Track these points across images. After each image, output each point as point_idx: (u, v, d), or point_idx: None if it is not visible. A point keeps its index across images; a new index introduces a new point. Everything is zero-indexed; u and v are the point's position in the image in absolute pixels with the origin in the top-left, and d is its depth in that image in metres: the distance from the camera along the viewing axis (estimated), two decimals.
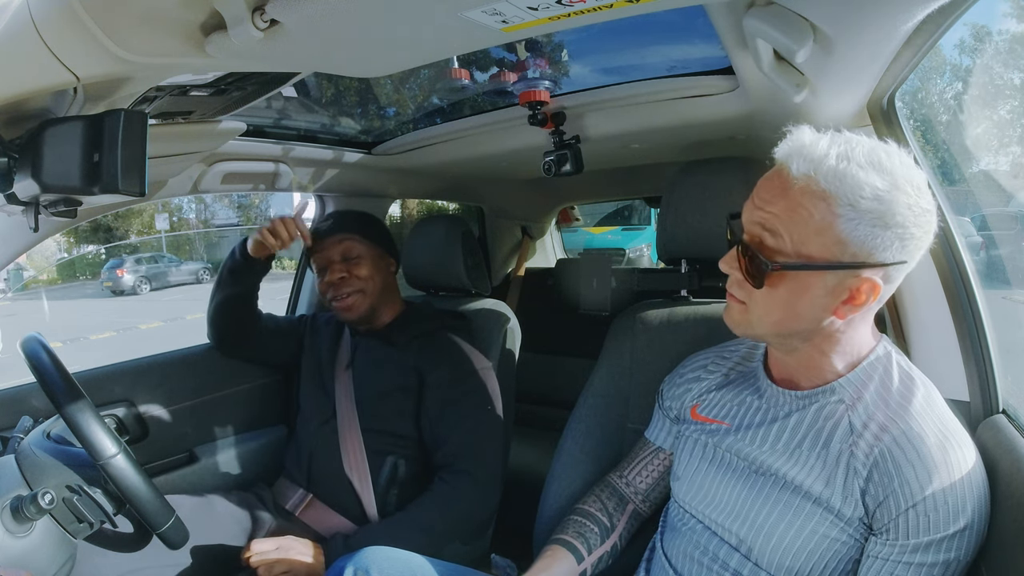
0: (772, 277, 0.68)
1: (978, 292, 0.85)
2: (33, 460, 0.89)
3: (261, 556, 1.05)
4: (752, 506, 0.77)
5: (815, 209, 0.65)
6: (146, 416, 1.35)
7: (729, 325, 0.77)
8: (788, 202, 0.67)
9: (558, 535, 0.96)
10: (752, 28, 0.67)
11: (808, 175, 0.65)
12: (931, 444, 0.67)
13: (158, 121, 0.99)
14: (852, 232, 0.64)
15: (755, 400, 0.84)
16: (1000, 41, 5.28)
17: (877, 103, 0.85)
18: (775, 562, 0.74)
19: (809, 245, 0.66)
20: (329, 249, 1.35)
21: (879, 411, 0.72)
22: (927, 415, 0.70)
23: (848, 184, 0.63)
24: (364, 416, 1.28)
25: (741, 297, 0.74)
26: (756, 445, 0.80)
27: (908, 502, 0.66)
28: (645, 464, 1.01)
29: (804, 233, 0.66)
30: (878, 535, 0.70)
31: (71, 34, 0.54)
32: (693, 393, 0.93)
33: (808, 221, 0.65)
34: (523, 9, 0.58)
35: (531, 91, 1.15)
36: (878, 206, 0.63)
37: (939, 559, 0.66)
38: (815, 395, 0.76)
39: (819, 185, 0.65)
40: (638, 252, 7.83)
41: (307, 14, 0.55)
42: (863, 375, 0.74)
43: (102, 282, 13.87)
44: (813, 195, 0.65)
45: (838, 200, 0.64)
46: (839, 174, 0.64)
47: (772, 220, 0.68)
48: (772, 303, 0.70)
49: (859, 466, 0.71)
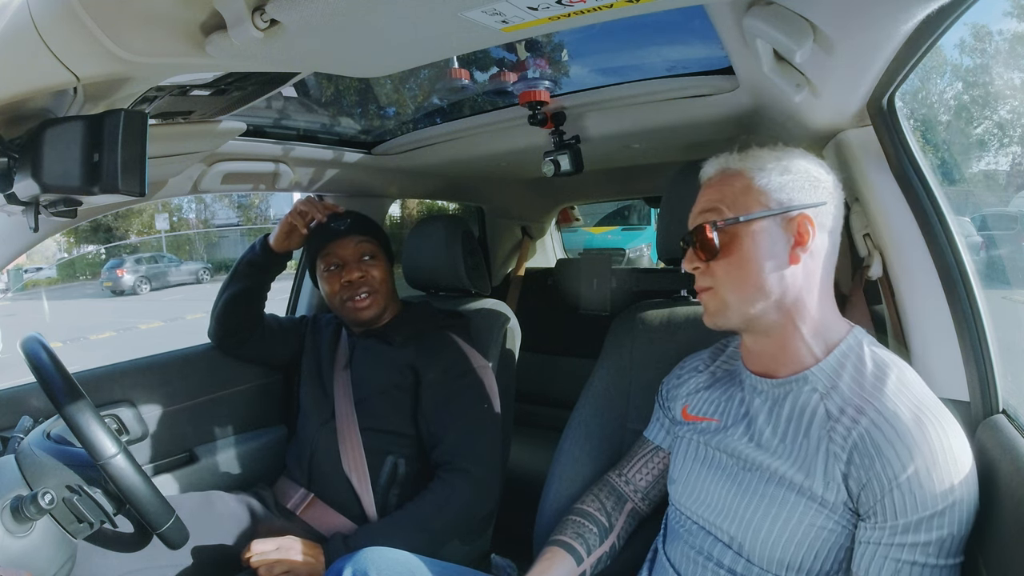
0: (723, 242, 0.79)
1: (978, 292, 0.85)
2: (33, 460, 0.89)
3: (261, 556, 1.05)
4: (740, 503, 0.79)
5: (736, 180, 0.80)
6: (146, 416, 1.35)
7: (708, 322, 0.83)
8: (714, 188, 0.82)
9: (557, 536, 0.96)
10: (752, 28, 0.67)
11: (721, 168, 0.83)
12: (907, 421, 0.68)
13: (158, 121, 0.99)
14: (768, 183, 0.78)
15: (739, 393, 0.87)
16: (1000, 41, 5.28)
17: (877, 103, 0.85)
18: (766, 556, 0.75)
19: (740, 205, 0.79)
20: (346, 248, 1.35)
21: (854, 395, 0.74)
22: (901, 394, 0.71)
23: (751, 157, 0.81)
24: (363, 415, 1.29)
25: (708, 283, 0.81)
26: (743, 440, 0.82)
27: (891, 482, 0.67)
28: (645, 462, 1.01)
29: (733, 198, 0.79)
30: (866, 519, 0.70)
31: (71, 34, 0.54)
32: (684, 393, 0.96)
33: (733, 190, 0.80)
34: (523, 9, 0.58)
35: (531, 91, 1.15)
36: (779, 163, 0.79)
37: (931, 537, 0.66)
38: (790, 383, 0.79)
39: (732, 168, 0.82)
40: (638, 252, 7.83)
41: (307, 14, 0.55)
42: (836, 363, 0.77)
43: (102, 282, 13.89)
44: (731, 173, 0.82)
45: (748, 168, 0.80)
46: (742, 156, 0.82)
47: (709, 203, 0.82)
48: (731, 268, 0.78)
49: (838, 450, 0.72)
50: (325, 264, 1.37)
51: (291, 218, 1.37)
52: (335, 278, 1.35)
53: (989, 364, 0.82)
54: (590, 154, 1.29)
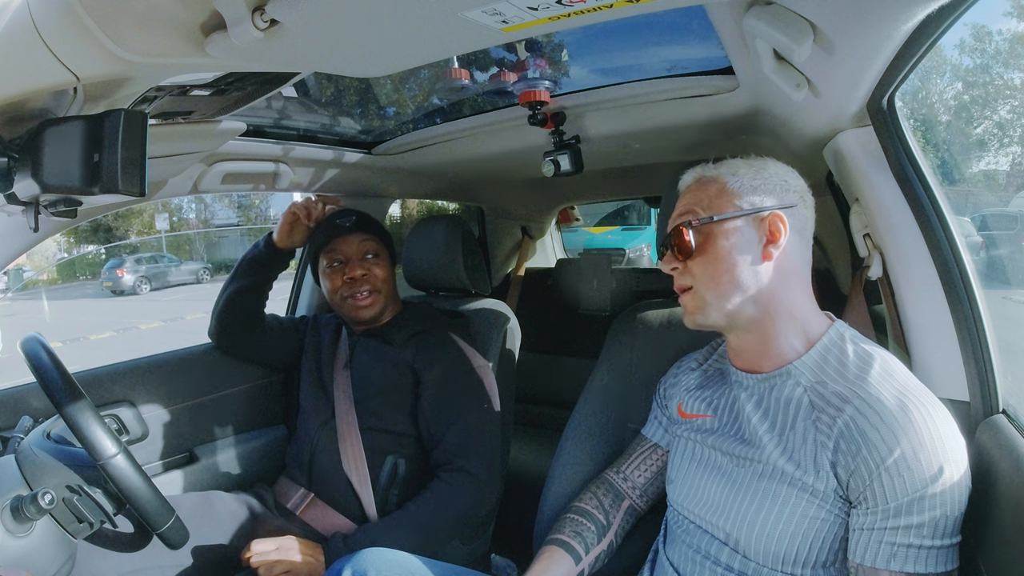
0: (699, 241, 0.82)
1: (978, 292, 0.85)
2: (33, 460, 0.89)
3: (261, 556, 1.05)
4: (734, 499, 0.80)
5: (711, 185, 0.85)
6: (146, 416, 1.35)
7: (689, 322, 0.86)
8: (691, 193, 0.87)
9: (555, 535, 0.96)
10: (752, 28, 0.67)
11: (698, 176, 0.88)
12: (891, 406, 0.69)
13: (158, 121, 0.99)
14: (740, 185, 0.83)
15: (729, 390, 0.88)
16: (1000, 41, 5.28)
17: (877, 103, 0.85)
18: (761, 550, 0.76)
19: (714, 207, 0.83)
20: (349, 246, 1.36)
21: (838, 385, 0.75)
22: (884, 381, 0.72)
23: (726, 165, 0.86)
24: (363, 415, 1.29)
25: (687, 283, 0.84)
26: (734, 436, 0.83)
27: (879, 466, 0.67)
28: (643, 460, 1.02)
29: (708, 201, 0.84)
30: (857, 506, 0.70)
31: (71, 34, 0.54)
32: (679, 391, 0.97)
33: (708, 193, 0.84)
34: (523, 9, 0.58)
35: (531, 91, 1.15)
36: (751, 169, 0.84)
37: (924, 519, 0.66)
38: (774, 377, 0.81)
39: (708, 175, 0.87)
40: (638, 252, 7.83)
41: (307, 14, 0.55)
42: (818, 356, 0.79)
43: (102, 282, 13.90)
44: (706, 180, 0.87)
45: (722, 175, 0.85)
46: (718, 164, 0.87)
47: (686, 207, 0.86)
48: (708, 268, 0.81)
49: (824, 439, 0.73)
50: (328, 260, 1.37)
51: (294, 208, 1.39)
52: (337, 275, 1.35)
53: (989, 364, 0.82)
54: (590, 154, 1.29)
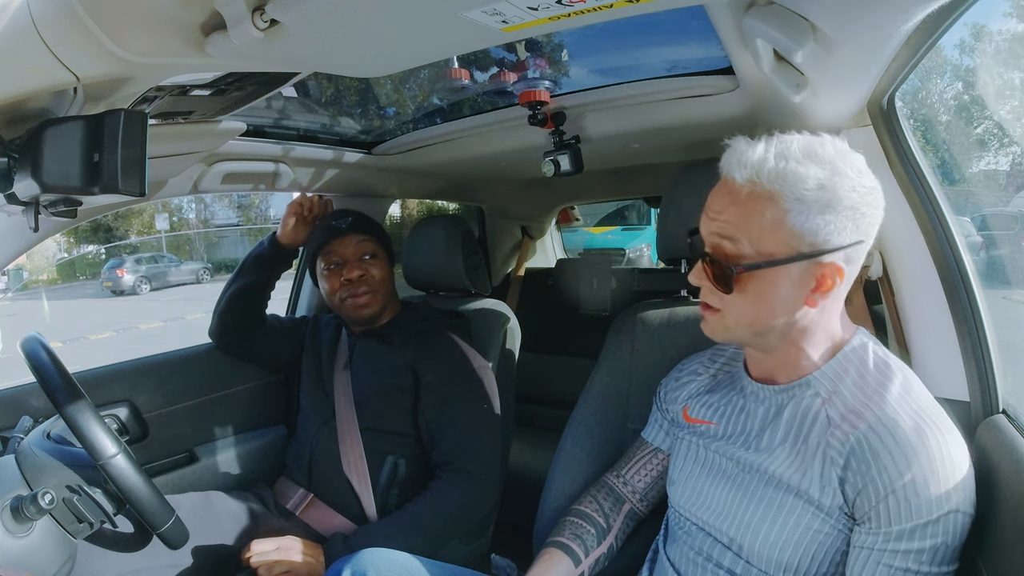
0: (739, 280, 0.71)
1: (978, 292, 0.85)
2: (33, 460, 0.89)
3: (261, 556, 1.05)
4: (739, 505, 0.79)
5: (765, 210, 0.68)
6: (146, 416, 1.35)
7: (708, 334, 0.79)
8: (739, 208, 0.70)
9: (555, 537, 0.96)
10: (752, 28, 0.67)
11: (752, 180, 0.69)
12: (907, 429, 0.67)
13: (158, 121, 0.99)
14: (804, 224, 0.67)
15: (739, 399, 0.86)
16: (1000, 41, 5.27)
17: (877, 103, 0.85)
18: (764, 557, 0.75)
19: (767, 243, 0.69)
20: (347, 247, 1.36)
21: (855, 400, 0.73)
22: (903, 401, 0.70)
23: (790, 180, 0.67)
24: (363, 416, 1.29)
25: (715, 304, 0.76)
26: (741, 444, 0.81)
27: (887, 489, 0.66)
28: (643, 463, 1.01)
29: (760, 233, 0.69)
30: (861, 524, 0.70)
31: (71, 34, 0.54)
32: (685, 395, 0.95)
33: (761, 222, 0.69)
34: (523, 9, 0.58)
35: (531, 91, 1.15)
36: (823, 195, 0.67)
37: (925, 545, 0.66)
38: (792, 389, 0.78)
39: (764, 187, 0.68)
40: (638, 252, 7.83)
41: (307, 14, 0.55)
42: (838, 367, 0.76)
43: (102, 282, 13.88)
44: (760, 197, 0.69)
45: (784, 197, 0.67)
46: (780, 173, 0.68)
47: (728, 228, 0.71)
48: (744, 305, 0.73)
49: (835, 455, 0.71)
50: (326, 262, 1.37)
51: (293, 207, 1.41)
52: (335, 276, 1.35)
53: (989, 364, 0.82)
54: (590, 154, 1.29)
